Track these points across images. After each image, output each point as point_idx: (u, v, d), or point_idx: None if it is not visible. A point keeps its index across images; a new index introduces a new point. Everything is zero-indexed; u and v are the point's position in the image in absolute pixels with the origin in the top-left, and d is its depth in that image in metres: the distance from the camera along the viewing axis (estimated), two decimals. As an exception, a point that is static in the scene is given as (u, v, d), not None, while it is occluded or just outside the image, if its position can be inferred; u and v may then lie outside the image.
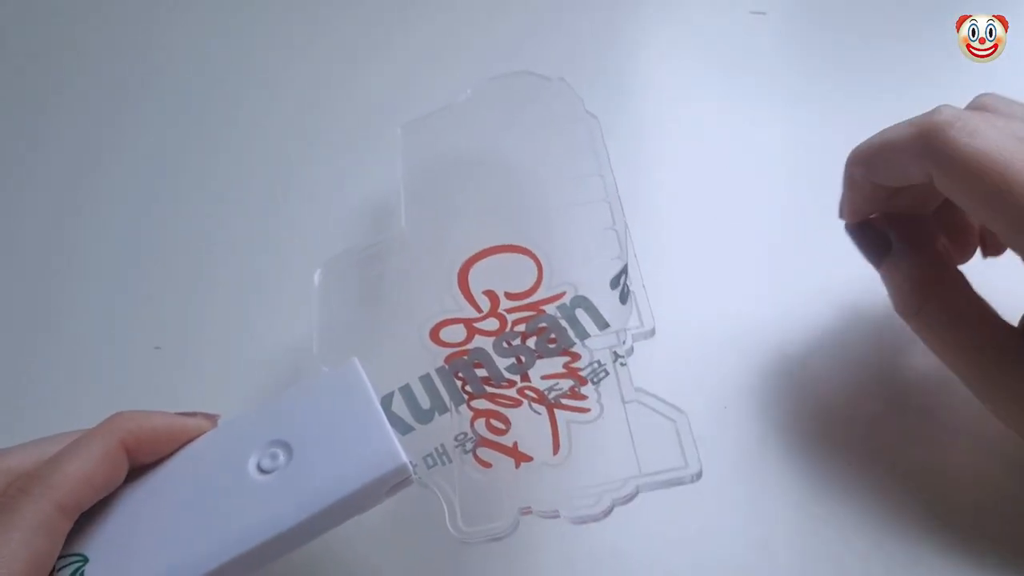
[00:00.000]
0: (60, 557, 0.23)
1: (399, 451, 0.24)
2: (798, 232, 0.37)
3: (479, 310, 0.30)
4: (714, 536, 0.29)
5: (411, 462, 0.25)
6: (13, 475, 0.23)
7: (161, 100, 0.47)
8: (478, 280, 0.30)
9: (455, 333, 0.29)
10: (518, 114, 0.37)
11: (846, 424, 0.31)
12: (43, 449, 0.24)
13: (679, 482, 0.25)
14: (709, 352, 0.33)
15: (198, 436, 0.26)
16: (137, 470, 0.25)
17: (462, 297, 0.30)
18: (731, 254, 0.37)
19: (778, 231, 0.37)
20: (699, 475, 0.24)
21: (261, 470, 0.25)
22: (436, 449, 0.26)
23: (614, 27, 0.48)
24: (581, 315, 0.28)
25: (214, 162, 0.44)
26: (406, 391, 0.27)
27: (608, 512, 0.24)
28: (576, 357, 0.28)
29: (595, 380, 0.27)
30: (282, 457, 0.25)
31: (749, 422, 0.32)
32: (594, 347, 0.28)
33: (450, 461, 0.26)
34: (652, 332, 0.28)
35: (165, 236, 0.41)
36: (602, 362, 0.27)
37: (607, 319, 0.28)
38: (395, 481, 0.24)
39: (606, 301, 0.29)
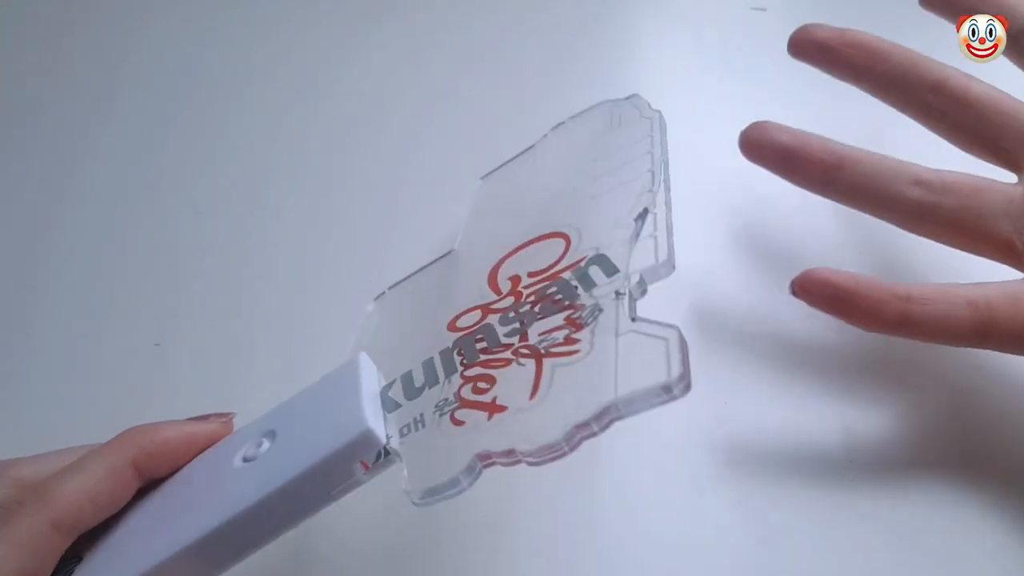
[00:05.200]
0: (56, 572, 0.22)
1: (364, 418, 0.22)
2: (806, 235, 0.37)
3: (499, 293, 0.27)
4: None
5: (388, 435, 0.22)
6: (23, 485, 0.22)
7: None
8: (508, 270, 0.28)
9: (471, 319, 0.27)
10: (597, 147, 0.35)
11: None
12: (55, 462, 0.23)
13: (657, 395, 0.19)
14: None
15: (214, 442, 0.26)
16: (156, 482, 0.25)
17: (488, 288, 0.28)
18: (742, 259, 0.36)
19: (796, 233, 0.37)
20: (682, 382, 0.19)
21: (245, 459, 0.24)
22: (415, 419, 0.23)
23: (612, 29, 0.48)
24: (594, 271, 0.25)
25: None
26: (406, 377, 0.25)
27: (572, 443, 0.19)
28: (579, 308, 0.24)
29: (588, 322, 0.23)
30: (266, 444, 0.24)
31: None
32: (600, 295, 0.24)
33: (424, 427, 0.23)
34: (671, 267, 0.23)
35: (166, 233, 0.40)
36: (602, 306, 0.23)
37: (617, 265, 0.24)
38: (366, 451, 0.22)
39: (623, 253, 0.25)
